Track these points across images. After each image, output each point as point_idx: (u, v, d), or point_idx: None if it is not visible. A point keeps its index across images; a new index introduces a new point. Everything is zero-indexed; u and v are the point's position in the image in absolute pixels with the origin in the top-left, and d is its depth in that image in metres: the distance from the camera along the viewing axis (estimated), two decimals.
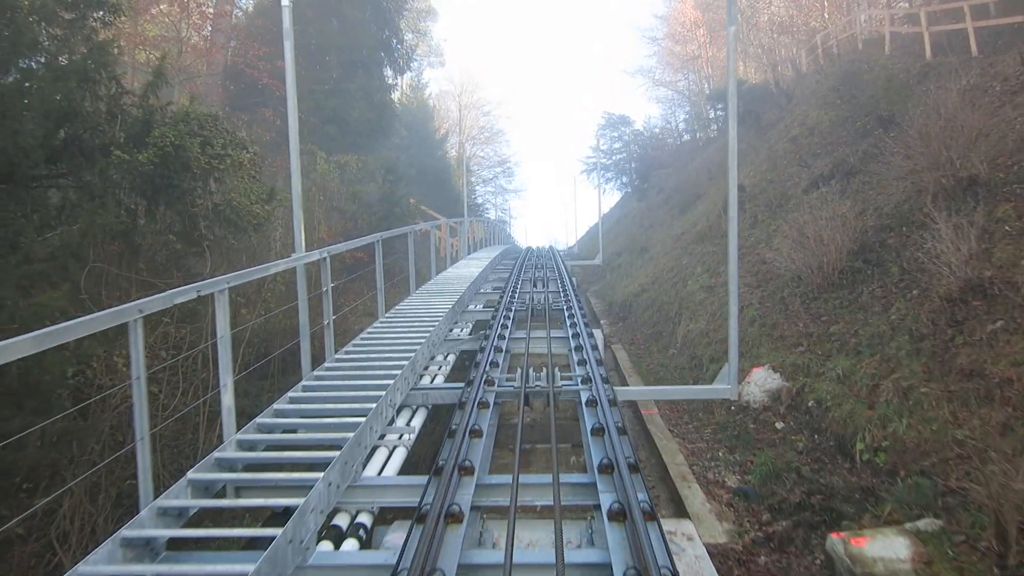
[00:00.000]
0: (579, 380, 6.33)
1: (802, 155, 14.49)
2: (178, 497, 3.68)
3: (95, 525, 6.59)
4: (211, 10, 19.14)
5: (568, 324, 9.30)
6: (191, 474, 3.85)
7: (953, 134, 8.97)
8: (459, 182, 54.21)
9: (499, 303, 10.88)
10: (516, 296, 12.04)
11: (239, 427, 4.67)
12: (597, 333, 10.69)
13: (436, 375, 7.85)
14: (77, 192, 8.82)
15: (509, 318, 9.75)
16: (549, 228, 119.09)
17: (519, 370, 6.39)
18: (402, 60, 22.88)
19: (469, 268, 15.51)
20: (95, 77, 8.54)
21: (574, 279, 16.54)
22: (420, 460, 6.93)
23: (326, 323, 6.89)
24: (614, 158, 60.68)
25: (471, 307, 12.16)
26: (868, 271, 9.24)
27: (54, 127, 8.38)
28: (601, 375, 6.29)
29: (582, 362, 7.04)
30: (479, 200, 65.59)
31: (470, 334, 10.51)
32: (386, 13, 21.90)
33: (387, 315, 9.26)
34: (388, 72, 22.18)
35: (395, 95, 38.42)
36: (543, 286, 13.84)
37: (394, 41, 22.67)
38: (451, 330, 9.94)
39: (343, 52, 19.99)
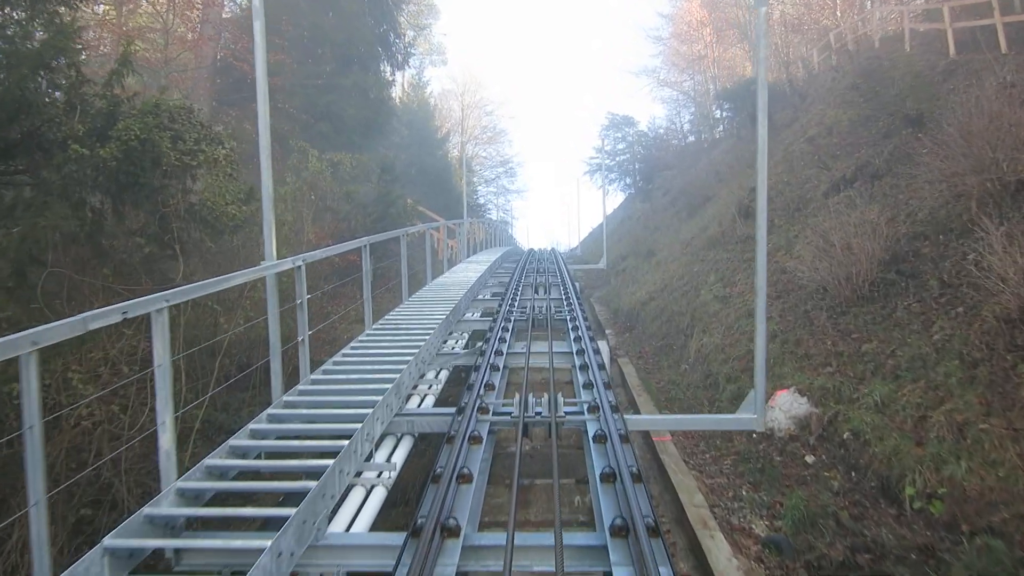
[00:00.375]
0: (585, 407, 5.52)
1: (821, 156, 13.64)
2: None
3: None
4: (200, 1, 18.31)
5: (572, 336, 8.53)
6: (107, 540, 3.07)
7: (999, 133, 8.11)
8: (461, 182, 53.50)
9: (498, 311, 10.08)
10: (516, 303, 11.25)
11: (202, 455, 4.10)
12: (603, 346, 9.87)
13: (426, 395, 7.05)
14: (33, 190, 8.01)
15: (508, 329, 8.97)
16: (551, 228, 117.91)
17: (517, 396, 5.58)
18: (400, 56, 22.04)
19: (467, 273, 14.69)
20: (52, 64, 7.71)
21: (577, 284, 15.71)
22: (408, 487, 6.13)
23: (300, 339, 6.04)
24: (617, 159, 59.79)
25: (468, 315, 11.36)
26: (902, 284, 8.39)
27: (7, 119, 7.57)
28: (610, 402, 5.46)
29: (588, 385, 6.22)
30: (481, 200, 64.73)
31: (466, 346, 9.70)
32: (384, 6, 21.06)
33: (376, 326, 8.43)
34: (385, 68, 21.35)
35: (393, 92, 37.61)
36: (545, 292, 13.05)
37: (392, 36, 21.84)
38: (445, 342, 9.13)
39: (338, 46, 19.15)
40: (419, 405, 6.71)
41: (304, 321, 5.91)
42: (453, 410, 5.40)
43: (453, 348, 9.34)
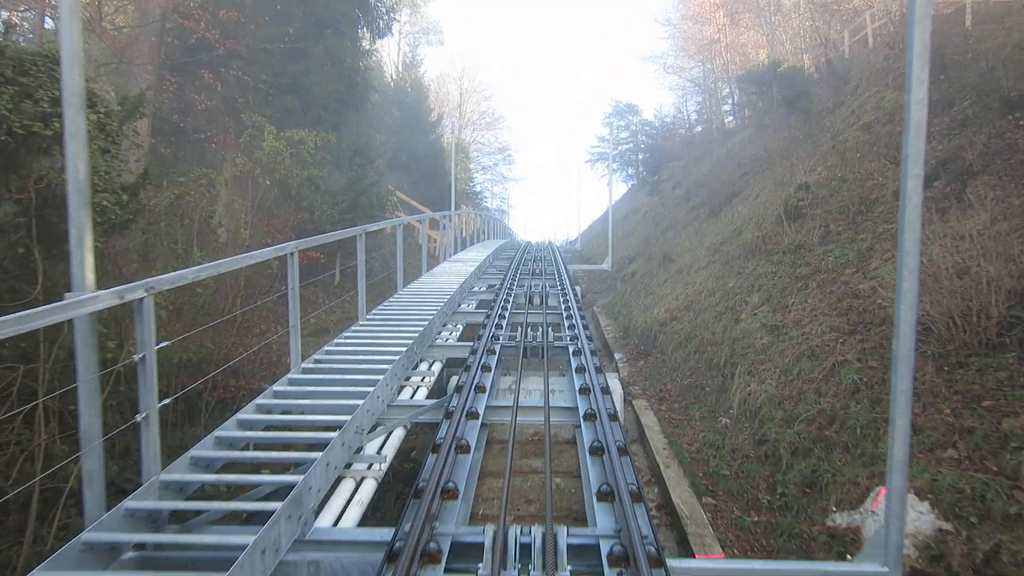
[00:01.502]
0: (606, 544, 3.12)
1: (884, 147, 11.01)
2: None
3: None
4: None
5: (574, 372, 6.46)
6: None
7: None
8: (455, 169, 50.66)
9: (482, 331, 7.63)
10: (506, 320, 8.76)
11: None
12: (614, 384, 7.29)
13: (356, 494, 4.46)
14: None
15: (491, 360, 6.54)
16: (550, 218, 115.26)
17: (487, 529, 3.14)
18: (382, 22, 19.22)
19: (448, 278, 12.09)
20: None
21: (578, 288, 13.13)
22: None
23: (141, 418, 3.51)
24: (620, 148, 57.16)
25: (443, 337, 8.82)
26: None
27: None
28: (645, 539, 3.00)
29: (608, 495, 3.63)
30: (477, 188, 62.13)
31: (431, 391, 7.12)
32: None
33: (304, 368, 5.81)
34: (364, 34, 18.54)
35: (376, 62, 34.78)
36: (541, 302, 10.55)
37: None
38: (401, 388, 6.54)
39: (308, 4, 16.36)
40: (334, 523, 4.15)
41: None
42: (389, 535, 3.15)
43: (416, 391, 6.75)
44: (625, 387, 9.37)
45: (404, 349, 6.27)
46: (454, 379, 7.02)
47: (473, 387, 5.64)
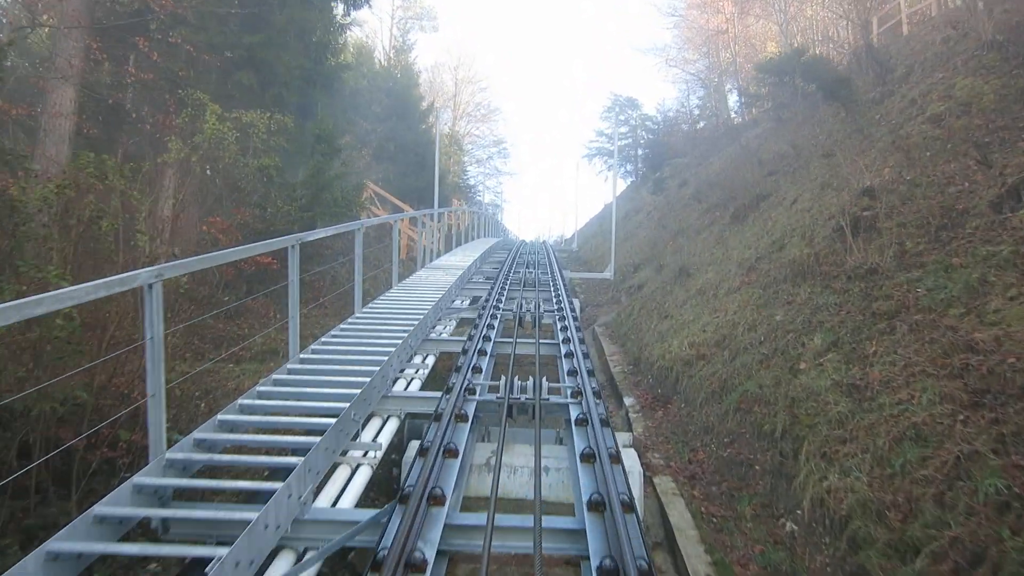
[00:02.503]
0: None
1: (961, 143, 8.70)
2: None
3: None
4: None
5: (576, 443, 4.65)
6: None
7: None
8: (445, 161, 48.10)
9: (453, 379, 5.38)
10: (489, 351, 6.56)
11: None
12: (630, 459, 5.00)
13: None
14: None
15: (466, 420, 4.61)
16: (545, 213, 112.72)
17: None
18: None
19: (420, 296, 9.74)
20: None
21: (576, 302, 10.85)
22: None
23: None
24: (619, 144, 54.81)
25: (400, 385, 6.54)
26: None
27: None
28: None
29: None
30: (471, 182, 59.72)
31: (376, 474, 4.88)
32: None
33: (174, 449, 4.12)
34: (336, 3, 16.03)
35: (353, 40, 32.26)
36: (533, 322, 8.34)
37: None
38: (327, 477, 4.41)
39: None
40: None
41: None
42: None
43: (348, 485, 4.41)
44: (642, 451, 7.02)
45: (333, 422, 4.09)
46: (411, 453, 4.98)
47: (426, 495, 3.38)
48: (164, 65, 12.31)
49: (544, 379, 5.66)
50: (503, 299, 10.55)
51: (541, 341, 7.34)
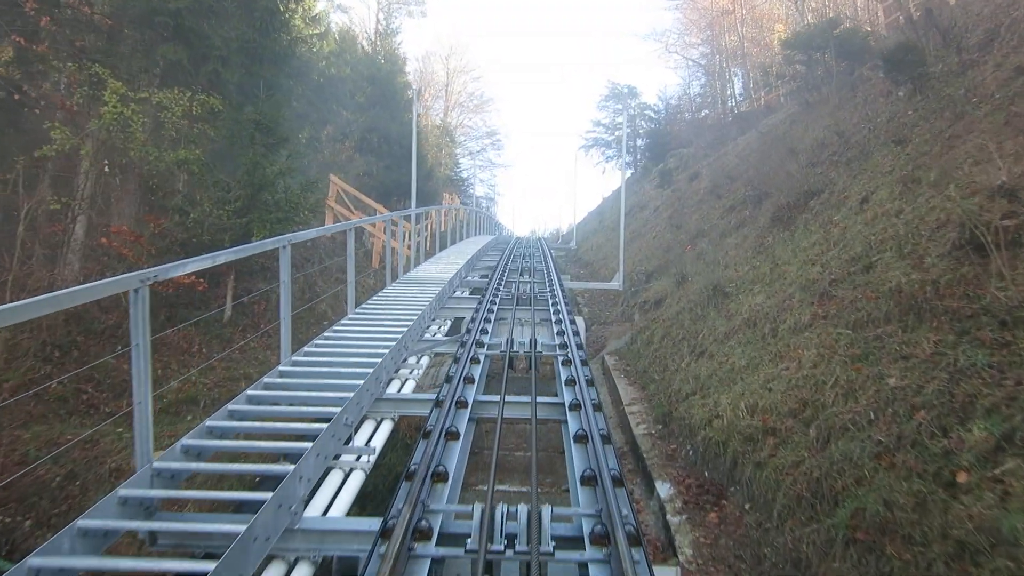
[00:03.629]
0: None
1: None
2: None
3: None
4: None
5: None
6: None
7: None
8: (436, 153, 45.29)
9: (401, 500, 2.82)
10: (465, 423, 4.55)
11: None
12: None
13: None
14: None
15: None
16: (540, 206, 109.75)
17: None
18: None
19: (381, 329, 7.12)
20: None
21: (580, 325, 8.35)
22: None
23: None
24: (616, 134, 52.06)
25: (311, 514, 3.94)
26: None
27: None
28: None
29: None
30: (464, 174, 57.02)
31: None
32: None
33: None
34: None
35: (331, 25, 29.52)
36: (530, 366, 5.91)
37: None
38: None
39: None
40: None
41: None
42: None
43: None
44: None
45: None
46: None
47: None
48: (57, 33, 9.57)
49: (546, 511, 3.06)
50: (491, 323, 8.10)
51: (539, 400, 4.84)
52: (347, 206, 16.09)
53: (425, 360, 7.61)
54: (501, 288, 11.09)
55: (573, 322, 8.00)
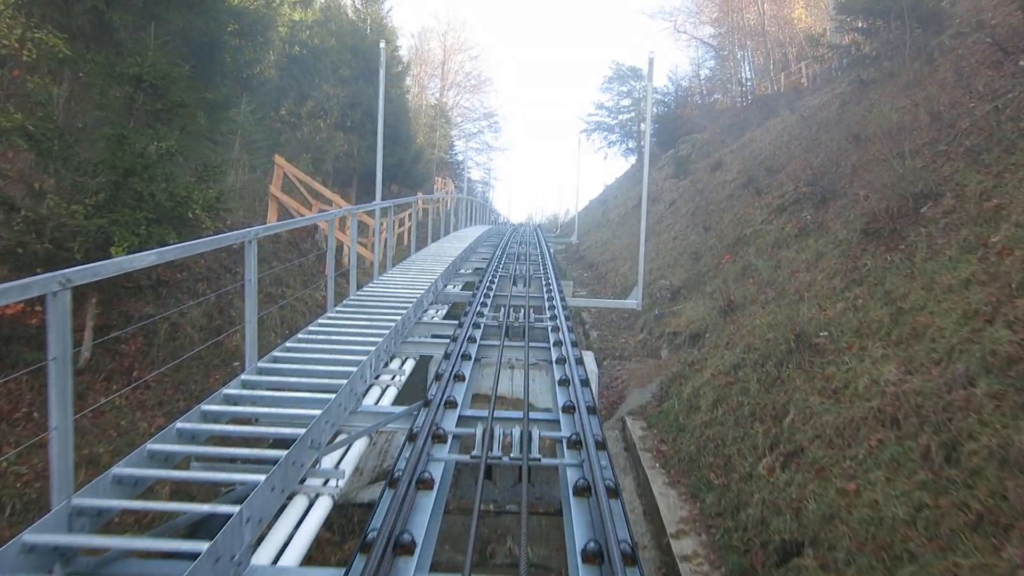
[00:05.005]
0: None
1: None
2: None
3: None
4: None
5: None
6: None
7: None
8: (425, 136, 41.80)
9: None
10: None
11: None
12: None
13: None
14: None
15: None
16: (538, 192, 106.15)
17: None
18: None
19: (294, 383, 4.07)
20: None
21: (591, 377, 5.41)
22: None
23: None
24: (620, 118, 48.55)
25: None
26: None
27: None
28: None
29: None
30: (460, 157, 53.64)
31: None
32: None
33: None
34: None
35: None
36: (519, 477, 3.07)
37: None
38: None
39: None
40: None
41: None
42: None
43: None
44: None
45: None
46: None
47: None
48: None
49: None
50: (466, 384, 5.20)
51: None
52: (302, 195, 12.91)
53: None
54: (488, 305, 8.18)
55: (580, 361, 5.35)
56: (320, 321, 6.87)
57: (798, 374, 5.86)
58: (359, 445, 4.90)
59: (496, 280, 10.71)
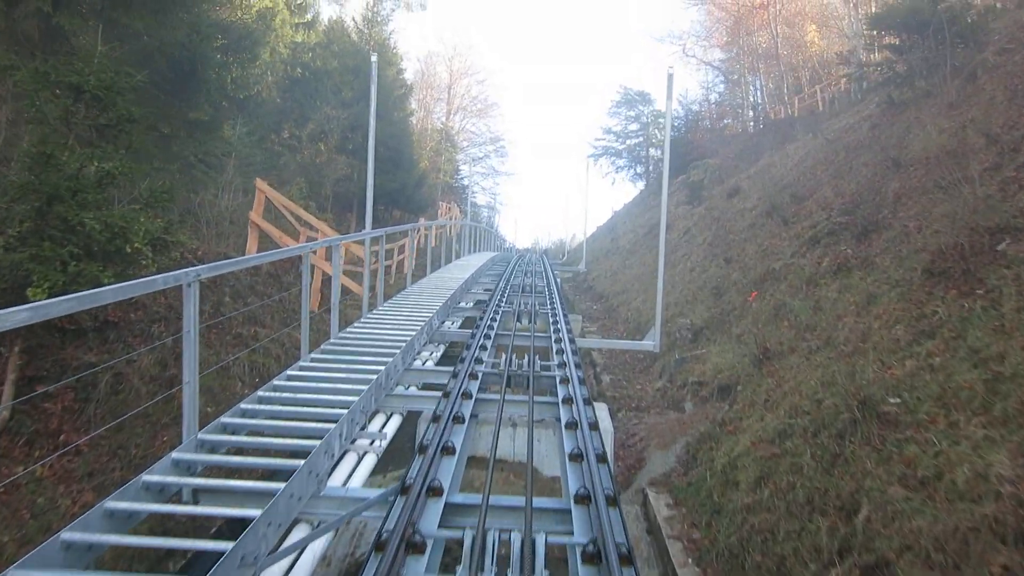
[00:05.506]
0: None
1: None
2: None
3: None
4: None
5: None
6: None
7: None
8: (431, 160, 41.01)
9: None
10: None
11: None
12: None
13: None
14: None
15: None
16: (544, 218, 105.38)
17: None
18: None
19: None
20: None
21: (607, 438, 4.42)
22: None
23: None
24: (628, 143, 47.83)
25: None
26: None
27: None
28: None
29: None
30: (465, 182, 52.92)
31: None
32: None
33: None
34: None
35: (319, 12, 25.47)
36: None
37: None
38: None
39: None
40: None
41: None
42: None
43: None
44: None
45: None
46: None
47: None
48: None
49: None
50: (456, 456, 4.27)
51: None
52: (289, 223, 11.90)
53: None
54: (488, 348, 7.14)
55: (595, 427, 4.52)
56: (289, 373, 5.79)
57: (866, 452, 4.68)
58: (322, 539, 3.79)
59: (499, 315, 9.65)
